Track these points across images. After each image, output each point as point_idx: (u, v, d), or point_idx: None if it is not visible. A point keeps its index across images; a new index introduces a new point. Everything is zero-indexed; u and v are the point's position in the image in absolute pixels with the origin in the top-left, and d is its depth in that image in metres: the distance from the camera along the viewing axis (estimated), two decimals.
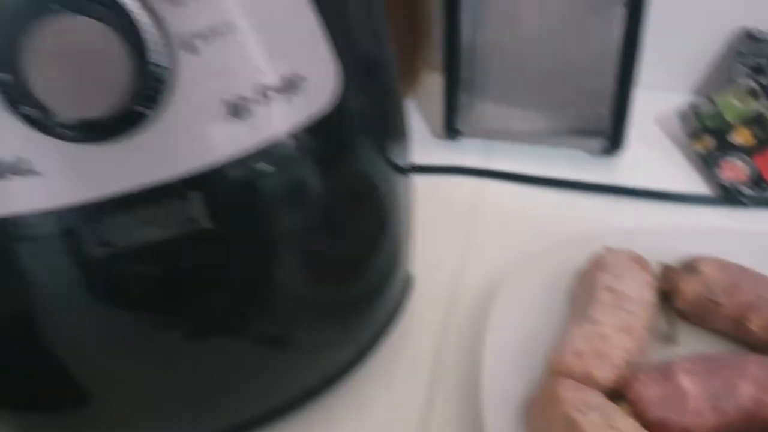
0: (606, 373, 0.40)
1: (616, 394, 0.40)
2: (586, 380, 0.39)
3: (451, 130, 0.62)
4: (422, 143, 0.64)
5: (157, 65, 0.24)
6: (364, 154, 0.33)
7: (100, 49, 0.21)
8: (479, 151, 0.64)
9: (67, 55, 0.21)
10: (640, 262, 0.46)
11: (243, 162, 0.28)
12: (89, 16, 0.21)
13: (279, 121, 0.28)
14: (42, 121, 0.23)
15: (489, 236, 0.55)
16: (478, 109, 0.60)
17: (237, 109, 0.26)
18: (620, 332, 0.41)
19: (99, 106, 0.22)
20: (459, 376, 0.45)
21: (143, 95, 0.23)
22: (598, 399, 0.38)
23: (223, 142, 0.27)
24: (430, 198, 0.49)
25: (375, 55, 0.32)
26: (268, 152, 0.28)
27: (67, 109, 0.22)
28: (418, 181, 0.43)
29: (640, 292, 0.44)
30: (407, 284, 0.44)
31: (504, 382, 0.42)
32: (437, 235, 0.54)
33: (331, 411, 0.42)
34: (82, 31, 0.21)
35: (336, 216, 0.33)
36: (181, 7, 0.24)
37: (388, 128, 0.34)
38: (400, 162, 0.37)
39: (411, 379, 0.45)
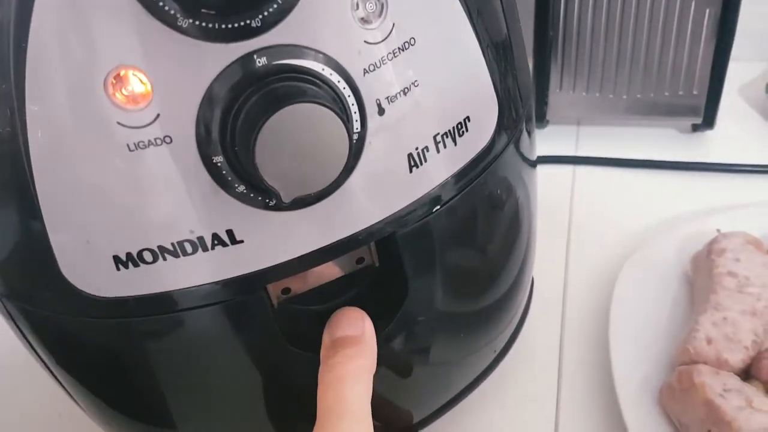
0: (737, 356, 0.41)
1: (745, 374, 0.41)
2: (719, 364, 0.41)
3: (539, 119, 0.63)
4: None
5: (356, 133, 0.26)
6: (515, 161, 0.34)
7: (321, 128, 0.23)
8: (568, 137, 0.65)
9: (292, 140, 0.23)
10: (754, 243, 0.47)
11: (415, 209, 0.30)
12: (310, 101, 0.23)
13: (451, 163, 0.30)
14: (260, 199, 0.25)
15: (589, 223, 0.57)
16: (566, 96, 0.61)
17: (416, 161, 0.28)
18: (746, 315, 0.43)
19: (319, 183, 0.24)
20: (586, 366, 0.47)
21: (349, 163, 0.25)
22: (734, 381, 0.40)
23: (404, 194, 0.29)
24: None
25: (519, 71, 0.33)
26: (437, 195, 0.30)
27: (291, 190, 0.24)
28: None
29: (759, 273, 0.45)
30: (532, 281, 0.46)
31: (635, 372, 0.44)
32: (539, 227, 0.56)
33: (473, 410, 0.44)
34: (306, 116, 0.23)
35: (492, 230, 0.35)
36: (372, 75, 0.26)
37: (530, 126, 0.36)
38: (533, 157, 0.38)
39: (541, 375, 0.47)
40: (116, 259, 0.26)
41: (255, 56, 0.23)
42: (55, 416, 0.48)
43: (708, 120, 0.60)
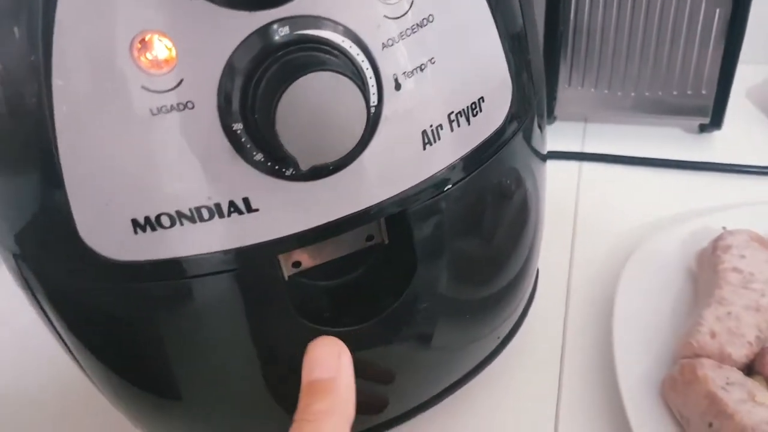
0: (740, 351, 0.42)
1: (748, 369, 0.42)
2: (722, 358, 0.41)
3: (547, 114, 0.63)
4: None
5: (373, 105, 0.26)
6: (525, 148, 0.35)
7: (340, 96, 0.24)
8: (575, 134, 0.65)
9: (311, 108, 0.24)
10: (759, 240, 0.47)
11: (427, 187, 0.30)
12: (330, 70, 0.23)
13: (464, 143, 0.30)
14: (276, 168, 0.26)
15: (594, 219, 0.57)
16: (574, 92, 0.62)
17: (430, 138, 0.29)
18: (749, 310, 0.43)
19: (336, 152, 0.25)
20: (589, 357, 0.47)
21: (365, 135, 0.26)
22: (737, 375, 0.40)
23: (416, 171, 0.29)
24: None
25: (533, 58, 0.34)
26: (448, 174, 0.30)
27: (309, 158, 0.25)
28: None
29: (764, 270, 0.46)
30: (537, 272, 0.46)
31: (637, 364, 0.44)
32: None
33: (474, 396, 0.45)
34: (326, 84, 0.23)
35: (500, 215, 0.35)
36: (390, 49, 0.26)
37: (541, 121, 0.36)
38: (543, 151, 0.39)
39: (543, 364, 0.47)
40: (134, 223, 0.26)
41: (277, 25, 0.24)
42: (64, 395, 0.49)
43: (716, 120, 0.60)
